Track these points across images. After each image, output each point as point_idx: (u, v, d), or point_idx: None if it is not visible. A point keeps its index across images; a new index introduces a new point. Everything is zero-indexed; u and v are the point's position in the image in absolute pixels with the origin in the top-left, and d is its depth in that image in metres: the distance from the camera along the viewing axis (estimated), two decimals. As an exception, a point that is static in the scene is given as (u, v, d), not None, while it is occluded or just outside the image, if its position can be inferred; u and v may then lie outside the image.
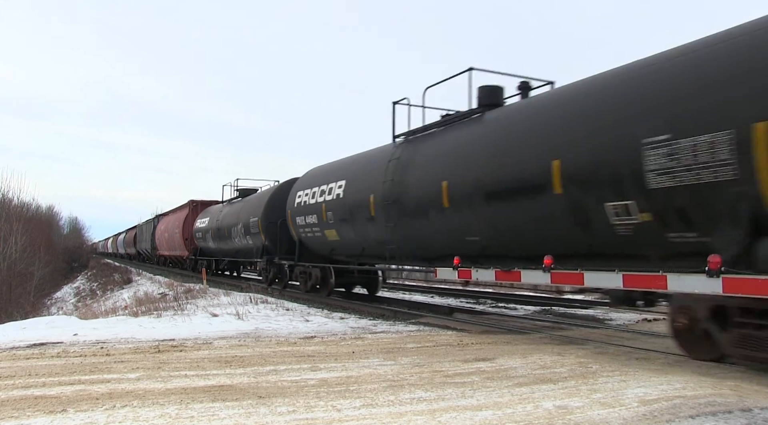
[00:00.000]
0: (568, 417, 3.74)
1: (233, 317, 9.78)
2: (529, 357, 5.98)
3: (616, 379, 4.92)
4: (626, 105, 6.12)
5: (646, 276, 5.84)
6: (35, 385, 4.64)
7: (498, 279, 7.78)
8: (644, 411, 3.89)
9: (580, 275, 6.51)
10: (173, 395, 4.29)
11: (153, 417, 3.70)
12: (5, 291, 26.29)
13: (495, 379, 4.91)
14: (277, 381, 4.79)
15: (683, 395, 4.32)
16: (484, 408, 3.96)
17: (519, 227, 7.50)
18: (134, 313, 11.56)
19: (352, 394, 4.35)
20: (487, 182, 7.79)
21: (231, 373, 5.14)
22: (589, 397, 4.27)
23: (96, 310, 16.56)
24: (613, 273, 6.14)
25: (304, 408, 3.95)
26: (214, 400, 4.14)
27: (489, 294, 14.99)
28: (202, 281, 18.74)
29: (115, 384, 4.68)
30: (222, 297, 13.43)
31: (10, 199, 34.50)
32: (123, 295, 22.59)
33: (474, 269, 8.16)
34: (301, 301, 13.09)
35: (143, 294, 18.45)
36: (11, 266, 28.38)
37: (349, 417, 3.74)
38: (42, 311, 24.79)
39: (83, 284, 37.94)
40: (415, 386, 4.63)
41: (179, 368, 5.38)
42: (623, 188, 5.98)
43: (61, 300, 31.64)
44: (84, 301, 27.22)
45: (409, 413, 3.83)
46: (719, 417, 3.76)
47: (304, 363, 5.60)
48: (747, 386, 4.66)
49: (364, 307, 11.54)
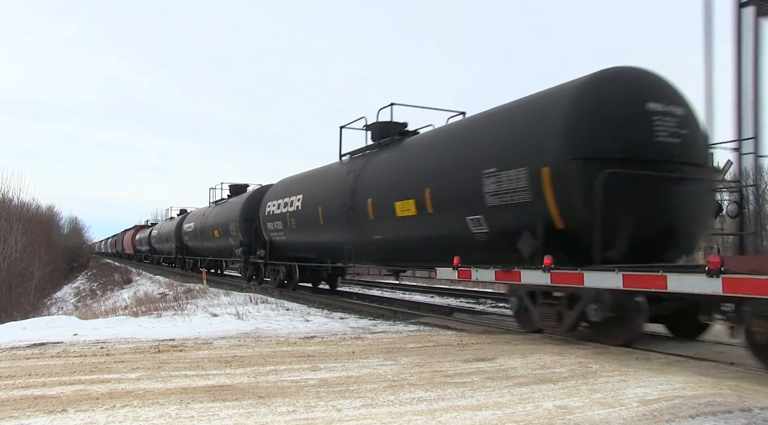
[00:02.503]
0: (568, 417, 3.74)
1: (233, 317, 9.79)
2: (529, 357, 5.98)
3: (616, 379, 4.92)
4: (471, 148, 8.49)
5: (645, 276, 5.84)
6: (35, 385, 4.64)
7: (498, 279, 7.80)
8: (644, 410, 3.90)
9: (580, 275, 6.51)
10: (173, 395, 4.29)
11: (153, 417, 3.70)
12: (5, 291, 26.29)
13: (495, 379, 4.91)
14: (277, 381, 4.79)
15: (683, 395, 4.32)
16: (484, 408, 3.96)
17: (414, 236, 9.81)
18: (134, 313, 11.57)
19: (352, 394, 4.35)
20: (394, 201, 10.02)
21: (231, 373, 5.15)
22: (589, 397, 4.28)
23: (96, 310, 16.58)
24: (612, 273, 6.14)
25: (304, 408, 3.95)
26: (214, 400, 4.14)
27: (489, 294, 14.99)
28: (202, 281, 18.75)
29: (115, 384, 4.68)
30: (222, 297, 13.44)
31: (10, 199, 34.51)
32: (123, 295, 22.60)
33: (474, 269, 8.19)
34: (301, 301, 13.10)
35: (143, 294, 18.46)
36: (11, 266, 28.37)
37: (349, 417, 3.74)
38: (42, 311, 24.78)
39: (83, 284, 37.93)
40: (415, 386, 4.63)
41: (179, 368, 5.38)
42: (474, 206, 8.09)
43: (61, 300, 31.64)
44: (84, 301, 27.23)
45: (409, 413, 3.83)
46: (719, 417, 3.77)
47: (304, 363, 5.61)
48: (747, 386, 4.66)
49: (364, 307, 11.57)
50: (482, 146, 8.22)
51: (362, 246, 11.54)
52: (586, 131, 6.71)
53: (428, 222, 9.24)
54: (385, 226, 10.43)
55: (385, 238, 10.66)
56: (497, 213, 7.79)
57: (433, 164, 9.22)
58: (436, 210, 8.97)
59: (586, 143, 6.66)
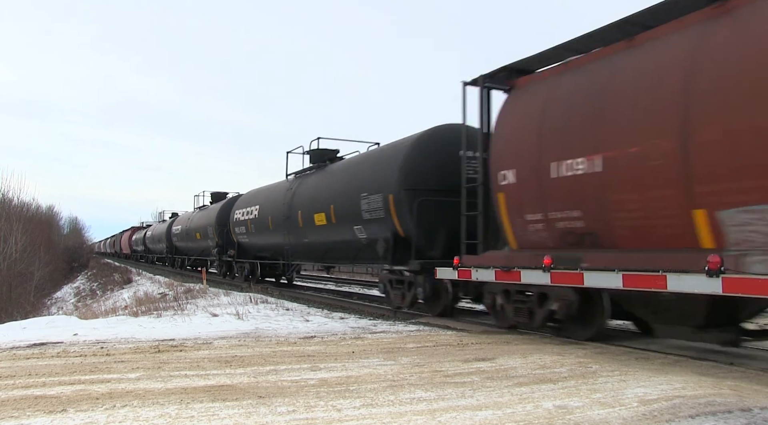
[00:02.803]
0: (568, 417, 3.74)
1: (233, 317, 9.79)
2: (529, 357, 5.98)
3: (616, 379, 4.93)
4: (356, 177, 11.52)
5: (645, 276, 5.84)
6: (35, 385, 4.64)
7: (498, 279, 7.81)
8: (644, 410, 3.90)
9: (580, 275, 6.52)
10: (173, 395, 4.29)
11: (153, 417, 3.70)
12: (5, 291, 26.28)
13: (495, 379, 4.91)
14: (277, 381, 4.79)
15: (683, 395, 4.32)
16: (484, 408, 3.96)
17: (326, 240, 12.83)
18: (134, 313, 11.57)
19: (352, 394, 4.35)
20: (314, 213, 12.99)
21: (231, 373, 5.15)
22: (588, 397, 4.28)
23: (96, 310, 16.58)
24: (613, 273, 6.15)
25: (304, 407, 3.95)
26: (214, 400, 4.14)
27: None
28: (201, 281, 18.77)
29: (115, 383, 4.68)
30: (222, 297, 13.45)
31: (10, 199, 34.48)
32: (123, 295, 22.60)
33: (474, 269, 8.22)
34: (300, 301, 13.13)
35: (143, 294, 18.46)
36: (11, 266, 28.36)
37: (349, 416, 3.74)
38: (42, 311, 24.78)
39: (83, 284, 37.91)
40: (415, 386, 4.63)
41: (179, 368, 5.38)
42: (357, 219, 11.03)
43: (61, 300, 31.63)
44: (84, 301, 27.22)
45: (409, 413, 3.84)
46: (719, 416, 3.77)
47: (304, 363, 5.61)
48: (747, 386, 4.67)
49: (364, 307, 11.61)
50: (360, 177, 11.32)
51: (296, 247, 14.67)
52: (412, 171, 9.76)
53: (334, 230, 12.20)
54: (310, 232, 13.40)
55: (310, 241, 13.66)
56: (369, 224, 10.80)
57: (336, 187, 12.24)
58: (337, 221, 11.91)
59: (412, 180, 9.71)
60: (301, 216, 13.51)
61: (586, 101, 6.58)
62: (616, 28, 6.51)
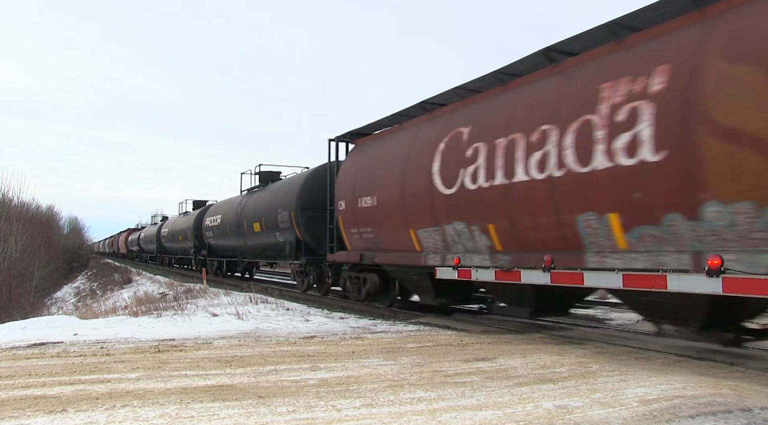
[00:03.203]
0: (568, 417, 3.74)
1: (233, 317, 9.79)
2: (529, 357, 5.99)
3: (616, 379, 4.92)
4: (276, 197, 15.41)
5: (646, 276, 5.83)
6: (35, 385, 4.64)
7: (498, 279, 7.81)
8: (644, 410, 3.90)
9: (579, 275, 6.52)
10: (173, 395, 4.29)
11: (153, 417, 3.71)
12: (5, 291, 26.27)
13: (495, 379, 4.91)
14: (277, 381, 4.79)
15: (683, 395, 4.32)
16: (484, 408, 3.96)
17: (261, 243, 17.00)
18: (134, 313, 11.56)
19: (352, 394, 4.35)
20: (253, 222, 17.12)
21: (231, 373, 5.15)
22: (588, 397, 4.28)
23: (96, 310, 16.56)
24: (612, 273, 6.14)
25: (304, 407, 3.95)
26: (214, 400, 4.14)
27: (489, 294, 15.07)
28: (202, 281, 18.76)
29: (115, 383, 4.68)
30: (222, 297, 13.45)
31: (10, 199, 34.43)
32: (123, 295, 22.60)
33: (474, 269, 8.21)
34: (300, 301, 13.13)
35: (143, 294, 18.45)
36: (11, 266, 28.34)
37: (349, 416, 3.74)
38: (42, 311, 24.77)
39: (83, 284, 37.91)
40: (415, 386, 4.63)
41: (179, 368, 5.38)
42: (276, 227, 14.98)
43: (61, 300, 31.62)
44: (84, 301, 27.22)
45: (409, 413, 3.84)
46: (719, 416, 3.77)
47: (304, 363, 5.61)
48: (747, 386, 4.66)
49: (364, 307, 11.60)
50: (278, 197, 15.29)
51: (244, 248, 19.08)
52: (303, 197, 13.65)
53: (264, 235, 16.30)
54: (251, 236, 17.62)
55: (252, 244, 17.92)
56: (283, 232, 14.68)
57: (266, 204, 16.25)
58: (266, 228, 15.94)
59: (303, 202, 13.59)
60: (246, 224, 17.87)
61: (373, 160, 10.75)
62: (395, 117, 10.47)
